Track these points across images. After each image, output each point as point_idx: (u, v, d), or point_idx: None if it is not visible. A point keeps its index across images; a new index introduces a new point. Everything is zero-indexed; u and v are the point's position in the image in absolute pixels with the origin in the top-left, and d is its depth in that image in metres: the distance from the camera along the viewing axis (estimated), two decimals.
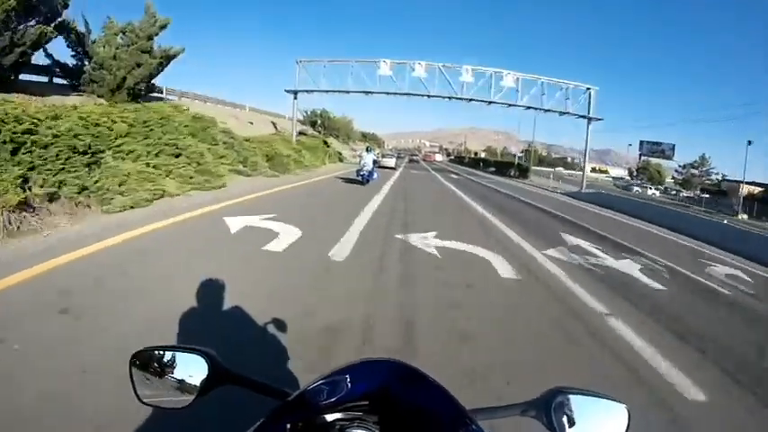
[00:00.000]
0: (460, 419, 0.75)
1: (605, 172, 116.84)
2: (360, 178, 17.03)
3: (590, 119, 33.65)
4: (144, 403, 0.81)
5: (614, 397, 0.80)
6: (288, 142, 25.94)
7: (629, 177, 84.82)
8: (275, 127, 37.58)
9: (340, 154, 44.37)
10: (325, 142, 41.01)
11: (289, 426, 0.70)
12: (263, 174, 16.63)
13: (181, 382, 0.81)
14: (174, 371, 0.82)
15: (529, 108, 34.42)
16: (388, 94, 33.93)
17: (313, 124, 58.09)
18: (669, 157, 45.77)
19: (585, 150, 35.82)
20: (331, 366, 0.84)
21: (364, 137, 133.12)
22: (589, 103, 33.61)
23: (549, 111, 34.16)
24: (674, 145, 44.31)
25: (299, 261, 5.27)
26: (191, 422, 1.55)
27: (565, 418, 0.76)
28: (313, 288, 4.42)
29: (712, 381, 3.33)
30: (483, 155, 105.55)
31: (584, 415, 0.77)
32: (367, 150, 18.81)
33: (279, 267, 4.98)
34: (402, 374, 0.83)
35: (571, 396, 0.78)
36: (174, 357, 0.83)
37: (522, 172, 45.08)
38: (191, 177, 11.10)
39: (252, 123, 35.19)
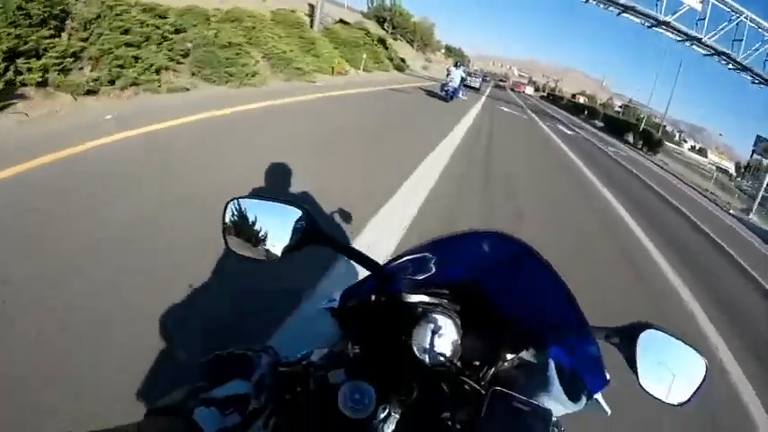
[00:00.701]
0: (580, 330, 0.68)
1: (703, 153, 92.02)
2: (443, 93, 16.17)
3: None
4: (232, 252, 0.76)
5: (697, 347, 0.75)
6: (295, 28, 15.02)
7: (733, 171, 67.02)
8: (312, 10, 26.22)
9: (403, 60, 32.51)
10: (383, 41, 29.31)
11: (373, 297, 0.71)
12: (135, 80, 6.55)
13: (274, 235, 0.77)
14: (269, 223, 0.77)
15: (714, 54, 20.85)
16: None
17: (381, 22, 45.58)
18: None
19: None
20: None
21: (449, 51, 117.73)
22: None
23: (744, 70, 20.54)
24: None
25: None
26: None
27: (646, 355, 0.72)
28: None
29: None
30: (582, 99, 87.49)
31: (665, 356, 0.73)
32: (456, 66, 17.22)
33: None
34: (509, 256, 0.72)
35: (657, 333, 0.73)
36: (270, 209, 0.78)
37: (650, 144, 31.54)
38: None
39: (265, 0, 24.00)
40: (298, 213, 0.77)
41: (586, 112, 46.10)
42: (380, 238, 3.66)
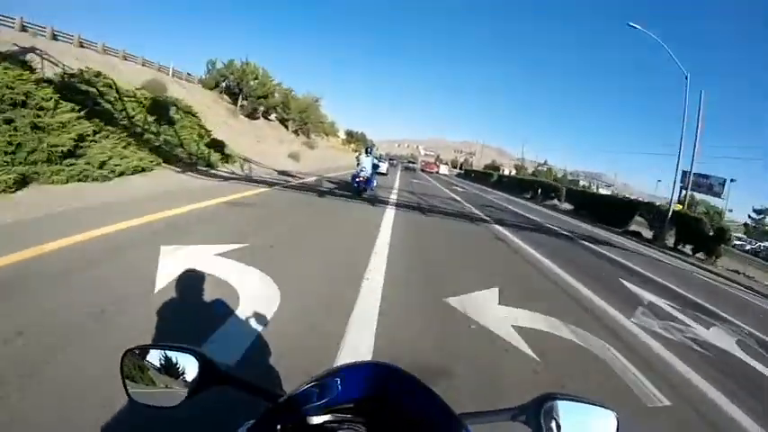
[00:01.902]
0: (451, 425, 0.76)
1: None
2: (356, 185, 12.74)
3: None
4: (134, 401, 0.79)
5: (604, 404, 0.79)
6: None
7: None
8: None
9: (212, 146, 15.97)
10: (161, 106, 13.04)
11: (279, 427, 0.71)
12: None
13: (172, 381, 0.80)
14: (167, 370, 0.80)
15: None
16: None
17: (232, 93, 30.36)
18: (717, 195, 31.81)
19: None
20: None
21: (350, 135, 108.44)
22: None
23: None
24: (724, 180, 30.94)
25: None
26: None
27: (554, 424, 0.76)
28: None
29: None
30: (509, 171, 77.31)
31: (574, 421, 0.76)
32: (366, 152, 13.75)
33: None
34: (393, 378, 0.82)
35: (561, 402, 0.77)
36: (166, 356, 0.81)
37: (699, 240, 17.33)
38: None
39: None
40: (193, 359, 0.79)
41: (540, 191, 32.69)
42: None
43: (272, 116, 38.56)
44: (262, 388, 0.82)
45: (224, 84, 30.54)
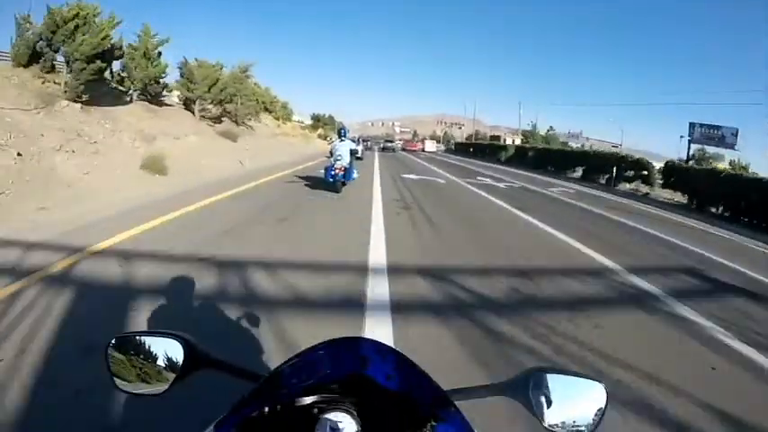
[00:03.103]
0: (439, 401, 0.74)
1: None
2: (331, 179, 10.16)
3: None
4: (120, 390, 0.77)
5: (592, 376, 0.78)
6: None
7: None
8: None
9: None
10: None
11: (267, 409, 0.69)
12: None
13: (158, 367, 0.78)
14: (151, 356, 0.78)
15: None
16: None
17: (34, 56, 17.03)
18: (731, 146, 27.06)
19: None
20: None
21: (317, 120, 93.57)
22: None
23: None
24: (737, 130, 26.68)
25: None
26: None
27: (543, 398, 0.75)
28: None
29: None
30: (511, 140, 64.26)
31: (562, 394, 0.75)
32: (340, 136, 11.00)
33: None
34: (379, 354, 0.80)
35: (549, 375, 0.76)
36: (150, 343, 0.79)
37: None
38: None
39: None
40: (178, 345, 0.77)
41: (616, 169, 20.53)
42: None
43: (174, 98, 25.08)
44: (247, 370, 0.80)
45: (50, 52, 17.11)
